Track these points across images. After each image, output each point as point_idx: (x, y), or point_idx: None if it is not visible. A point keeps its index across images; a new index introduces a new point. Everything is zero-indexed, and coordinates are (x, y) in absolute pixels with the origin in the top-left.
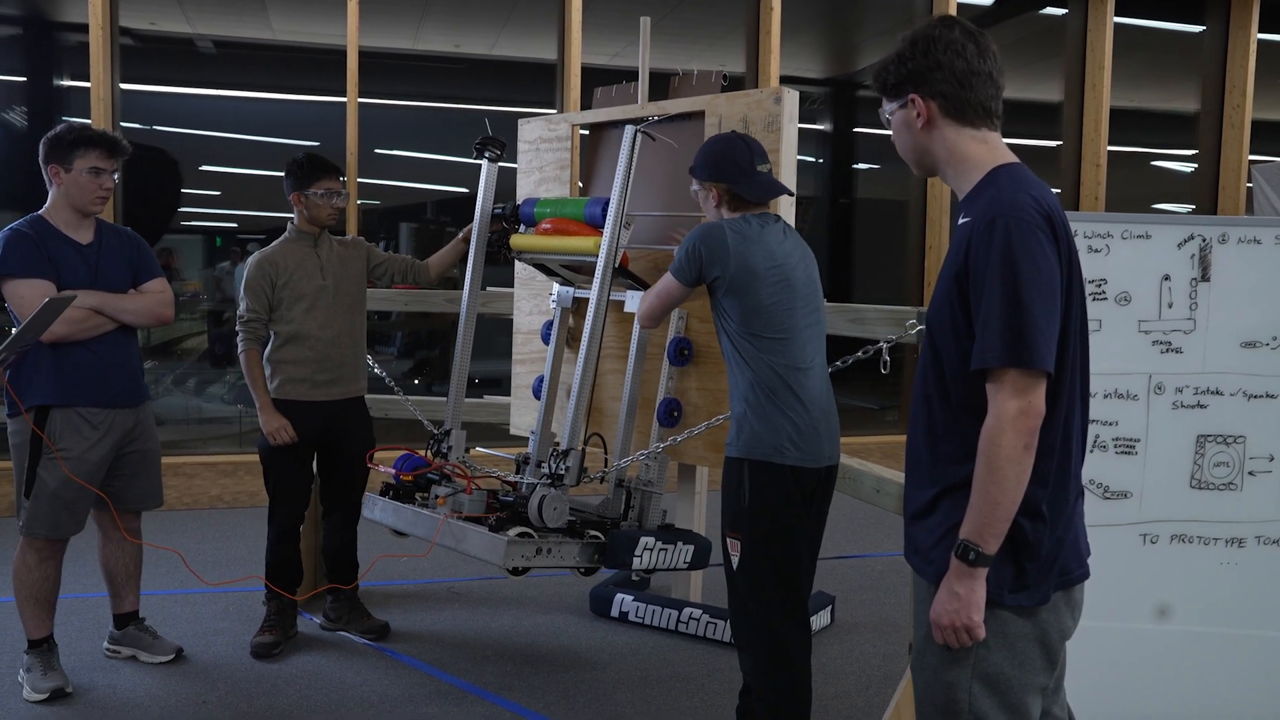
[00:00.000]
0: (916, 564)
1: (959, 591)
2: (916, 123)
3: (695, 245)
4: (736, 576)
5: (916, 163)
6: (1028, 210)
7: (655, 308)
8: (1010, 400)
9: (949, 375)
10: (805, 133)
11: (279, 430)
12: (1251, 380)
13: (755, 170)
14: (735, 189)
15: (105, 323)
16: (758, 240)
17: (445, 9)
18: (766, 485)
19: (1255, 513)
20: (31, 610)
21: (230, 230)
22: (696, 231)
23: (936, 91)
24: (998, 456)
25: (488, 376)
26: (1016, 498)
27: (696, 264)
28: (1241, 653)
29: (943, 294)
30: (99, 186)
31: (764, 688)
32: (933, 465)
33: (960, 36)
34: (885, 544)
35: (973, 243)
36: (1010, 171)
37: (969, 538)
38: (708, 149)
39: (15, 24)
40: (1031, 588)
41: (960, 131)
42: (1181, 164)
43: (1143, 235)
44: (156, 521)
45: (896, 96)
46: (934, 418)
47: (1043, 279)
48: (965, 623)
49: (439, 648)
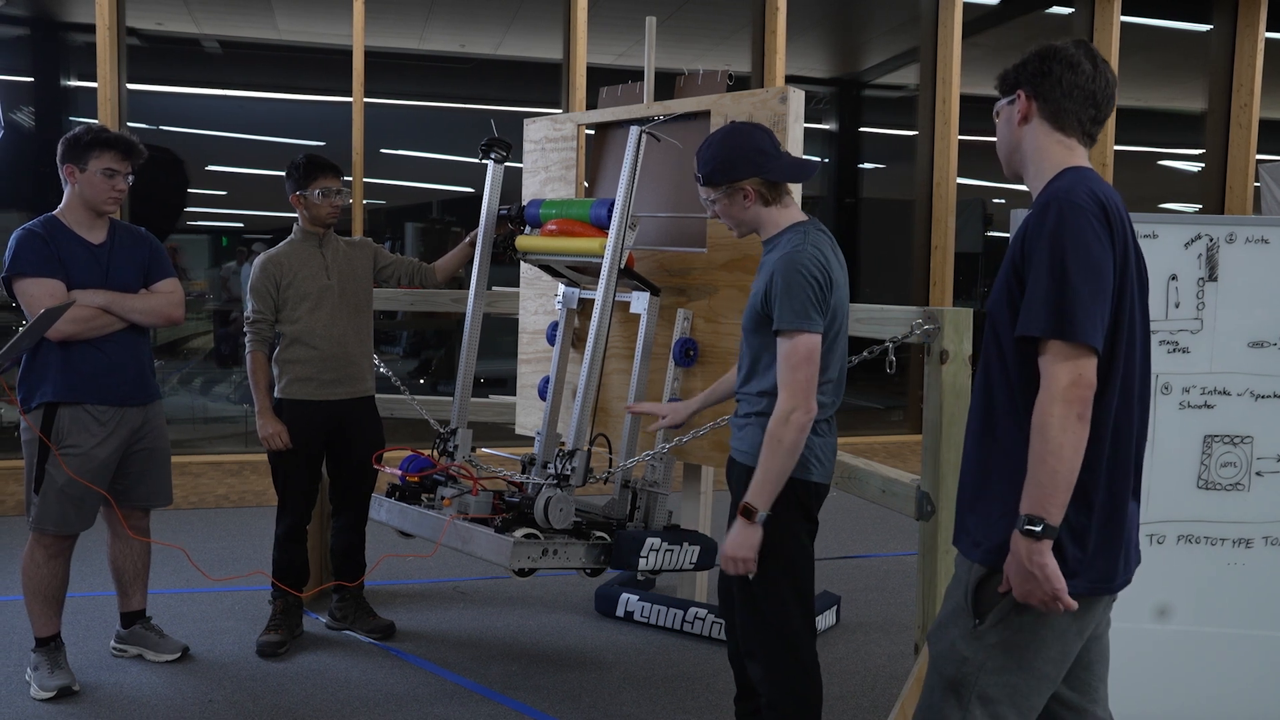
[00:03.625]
0: (964, 546)
1: (1033, 571)
2: (1015, 118)
3: (804, 280)
4: (753, 585)
5: (1007, 160)
6: (1082, 197)
7: (810, 378)
8: (1060, 370)
9: (1012, 361)
10: (811, 132)
11: (273, 436)
12: (1259, 380)
13: (780, 150)
14: (770, 177)
15: (113, 322)
16: (839, 258)
17: (451, 9)
18: (791, 500)
19: (1263, 513)
20: (39, 607)
21: (236, 230)
22: (791, 263)
23: (1041, 93)
24: (1050, 425)
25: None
26: (1075, 465)
27: (823, 294)
28: (1249, 653)
29: (1002, 283)
30: (112, 188)
31: (778, 695)
32: (990, 450)
33: (1082, 56)
34: (891, 544)
35: (1029, 228)
36: (1078, 170)
37: (1032, 511)
38: (719, 148)
39: (23, 24)
40: (1072, 577)
41: (1050, 134)
42: (1188, 163)
43: (1150, 235)
44: (163, 520)
45: (1007, 92)
46: (994, 404)
47: (1089, 258)
48: (1051, 594)
49: (444, 647)
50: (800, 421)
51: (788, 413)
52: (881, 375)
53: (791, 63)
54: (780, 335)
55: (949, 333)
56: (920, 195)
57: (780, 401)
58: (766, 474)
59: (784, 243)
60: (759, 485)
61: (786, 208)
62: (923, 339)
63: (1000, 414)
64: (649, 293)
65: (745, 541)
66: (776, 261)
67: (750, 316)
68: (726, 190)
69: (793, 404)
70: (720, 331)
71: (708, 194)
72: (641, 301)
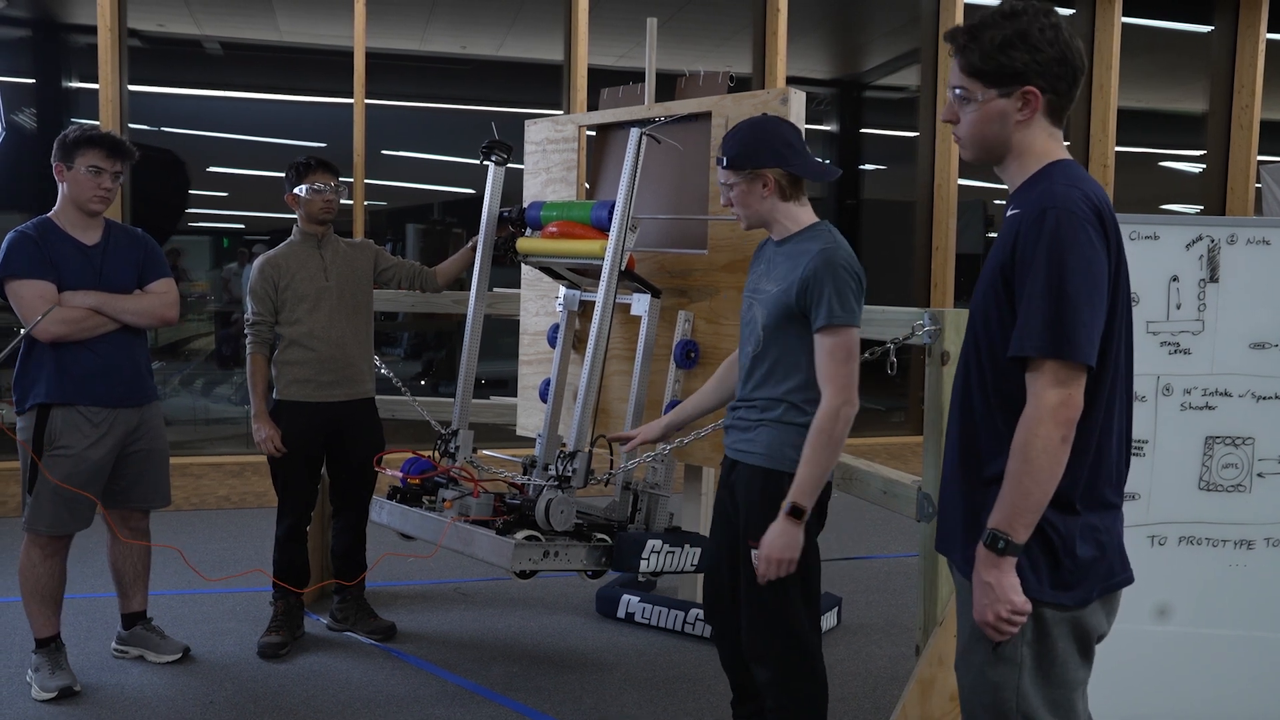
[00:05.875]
0: (957, 559)
1: (989, 582)
2: (1018, 115)
3: (847, 276)
4: (763, 588)
5: (988, 151)
6: (1079, 204)
7: (855, 373)
8: (1049, 391)
9: (990, 369)
10: (812, 133)
11: (266, 442)
12: (1260, 381)
13: (807, 150)
14: (795, 171)
15: (105, 323)
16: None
17: (452, 10)
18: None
19: (1264, 514)
20: (37, 608)
21: (238, 231)
22: (831, 260)
23: (1053, 88)
24: (1033, 447)
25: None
26: (1049, 490)
27: (860, 291)
28: (1251, 655)
29: (987, 286)
30: (98, 186)
31: (786, 698)
32: (968, 459)
33: (1075, 38)
34: (892, 545)
35: (1022, 233)
36: (1065, 167)
37: (998, 526)
38: (748, 134)
39: (24, 26)
40: (1072, 587)
41: (1045, 128)
42: (1190, 165)
43: (1151, 236)
44: (164, 522)
45: (1004, 85)
46: (973, 412)
47: (1090, 272)
48: (1005, 613)
49: (445, 648)
50: (848, 416)
51: (837, 408)
52: (883, 376)
53: (792, 64)
54: (826, 331)
55: (950, 334)
56: (921, 196)
57: (828, 397)
58: (814, 471)
59: (810, 240)
60: (805, 484)
61: (803, 206)
62: (924, 340)
63: (979, 426)
64: (650, 294)
65: (791, 542)
66: (815, 258)
67: (778, 312)
68: (748, 176)
69: (842, 398)
70: (721, 333)
71: (728, 177)
72: (642, 303)
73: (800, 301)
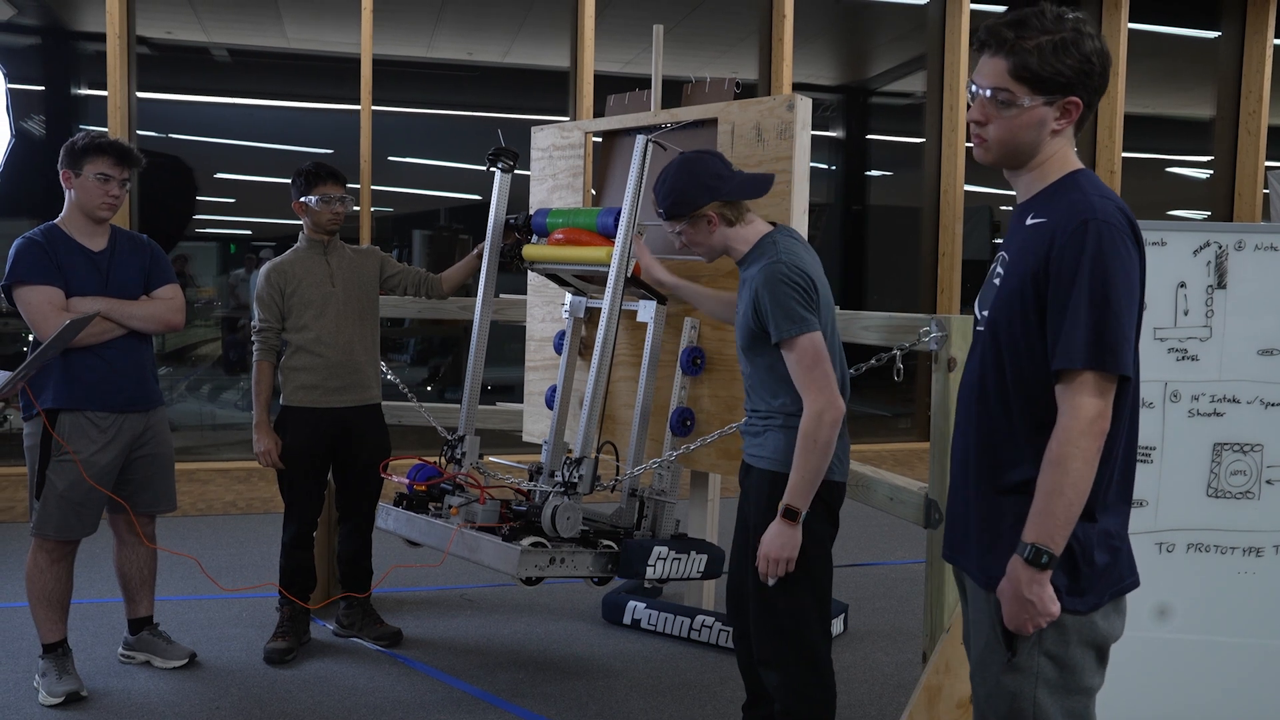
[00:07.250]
0: (982, 580)
1: (1032, 599)
2: (1054, 124)
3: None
4: (773, 592)
5: (1014, 156)
6: (1115, 215)
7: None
8: (1090, 402)
9: (1012, 378)
10: (818, 139)
11: (264, 454)
12: (1269, 388)
13: (733, 170)
14: (728, 198)
15: (112, 328)
16: (813, 258)
17: (459, 17)
18: (816, 501)
19: (1273, 521)
20: (44, 613)
21: (245, 237)
22: (770, 275)
23: (1090, 100)
24: (1073, 458)
25: (500, 383)
26: (1084, 500)
27: (808, 295)
28: (1260, 662)
29: (1013, 295)
30: (105, 193)
31: (794, 702)
32: (984, 467)
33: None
34: (898, 552)
35: (1058, 244)
36: (1089, 177)
37: (1039, 540)
38: (676, 179)
39: (33, 33)
40: (1086, 593)
41: (1069, 137)
42: (1197, 170)
43: (1158, 242)
44: (171, 527)
45: (1051, 92)
46: (992, 421)
47: (1130, 286)
48: (1044, 625)
49: (451, 654)
50: (832, 418)
51: (819, 412)
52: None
53: (799, 70)
54: (784, 345)
55: (956, 340)
56: (927, 202)
57: (808, 404)
58: (804, 474)
59: (757, 258)
60: (798, 486)
61: (750, 224)
62: (930, 346)
63: (1001, 436)
64: (656, 301)
65: (788, 542)
66: (756, 277)
67: (744, 335)
68: (690, 220)
69: (821, 403)
70: (727, 339)
71: (672, 227)
72: (648, 310)
73: (759, 322)
